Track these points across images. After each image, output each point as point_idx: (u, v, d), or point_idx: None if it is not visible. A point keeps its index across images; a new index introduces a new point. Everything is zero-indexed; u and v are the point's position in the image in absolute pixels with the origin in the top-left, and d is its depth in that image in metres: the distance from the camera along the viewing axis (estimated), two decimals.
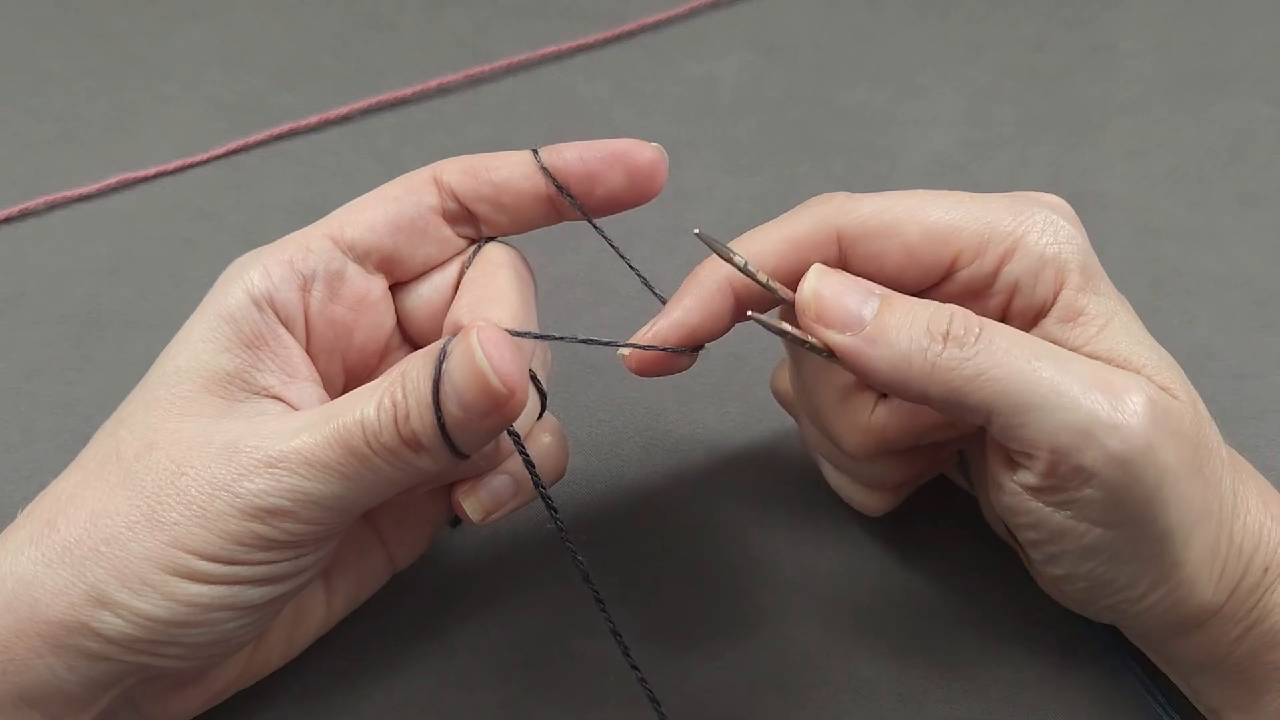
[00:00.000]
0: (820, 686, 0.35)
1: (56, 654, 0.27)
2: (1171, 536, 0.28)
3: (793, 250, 0.31)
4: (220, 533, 0.27)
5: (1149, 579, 0.29)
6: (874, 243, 0.31)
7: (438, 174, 0.33)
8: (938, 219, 0.30)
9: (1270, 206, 0.49)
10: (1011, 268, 0.30)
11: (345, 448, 0.27)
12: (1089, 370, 0.28)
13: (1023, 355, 0.28)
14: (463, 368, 0.27)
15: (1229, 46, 0.57)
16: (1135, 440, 0.27)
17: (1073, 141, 0.52)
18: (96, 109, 0.53)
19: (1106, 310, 0.30)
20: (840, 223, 0.31)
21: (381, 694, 0.35)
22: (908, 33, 0.58)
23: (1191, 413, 0.29)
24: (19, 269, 0.47)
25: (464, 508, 0.32)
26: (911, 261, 0.30)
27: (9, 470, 0.40)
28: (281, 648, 0.33)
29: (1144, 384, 0.28)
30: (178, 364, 0.30)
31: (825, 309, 0.30)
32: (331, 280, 0.32)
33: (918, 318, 0.29)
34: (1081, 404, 0.27)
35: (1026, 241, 0.30)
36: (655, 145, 0.33)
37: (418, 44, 0.57)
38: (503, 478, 0.32)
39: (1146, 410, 0.27)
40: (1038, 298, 0.30)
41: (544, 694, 0.35)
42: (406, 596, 0.37)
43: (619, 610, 0.35)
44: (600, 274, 0.46)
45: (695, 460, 0.41)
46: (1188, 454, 0.28)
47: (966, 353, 0.28)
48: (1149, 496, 0.28)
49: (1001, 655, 0.36)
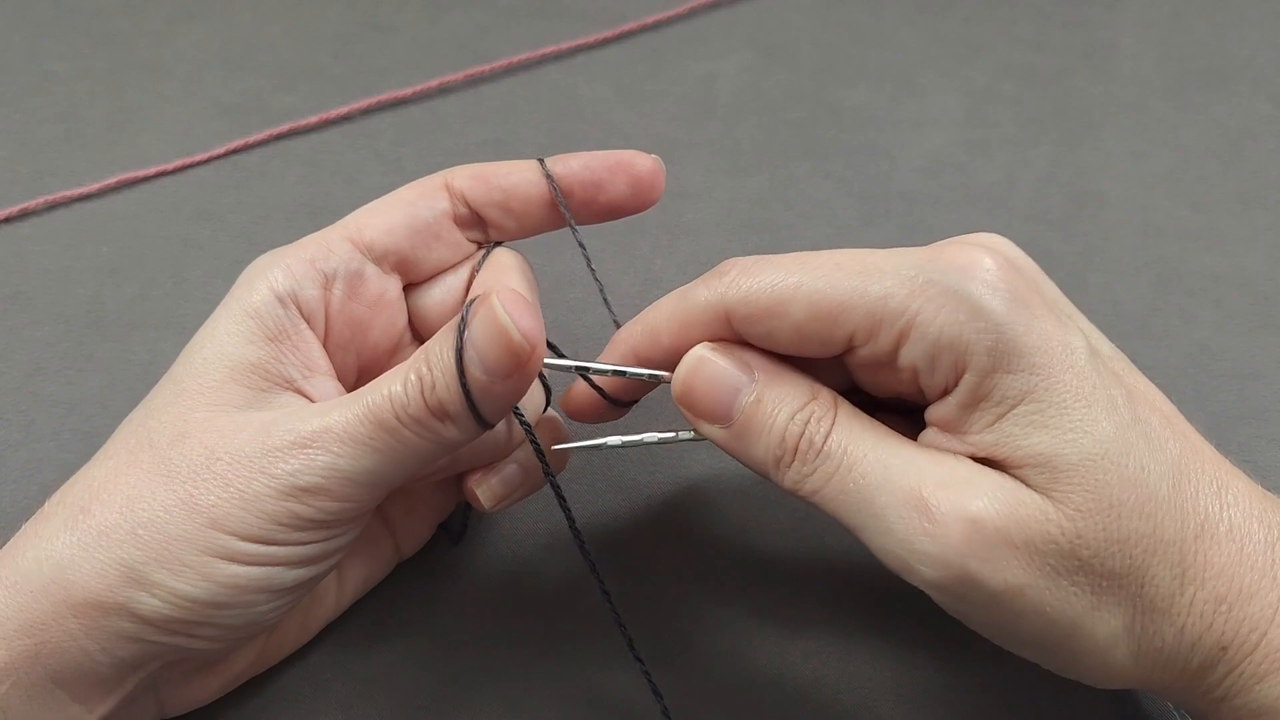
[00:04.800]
0: (820, 686, 0.35)
1: (91, 635, 0.28)
2: (1044, 640, 0.27)
3: (683, 331, 0.31)
4: (259, 513, 0.28)
5: (1055, 662, 0.29)
6: (762, 324, 0.29)
7: (449, 180, 0.35)
8: (825, 297, 0.29)
9: (1270, 206, 0.49)
10: (908, 350, 0.28)
11: (376, 422, 0.29)
12: (913, 484, 0.27)
13: (854, 473, 0.28)
14: (486, 327, 0.28)
15: (1229, 46, 0.57)
16: (949, 568, 0.26)
17: (1073, 141, 0.52)
18: (97, 109, 0.54)
19: (1018, 392, 0.27)
20: (728, 303, 0.30)
21: (382, 693, 0.35)
22: (907, 33, 0.58)
23: (1066, 515, 0.27)
24: (20, 269, 0.47)
25: (476, 494, 0.34)
26: (804, 341, 0.29)
27: (10, 470, 0.40)
28: (295, 633, 0.34)
29: (980, 497, 0.27)
30: (204, 356, 0.31)
31: (695, 403, 0.30)
32: (351, 279, 0.33)
33: (778, 421, 0.29)
34: (895, 530, 0.27)
35: (919, 323, 0.28)
36: (654, 156, 0.35)
37: (418, 44, 0.57)
38: (512, 466, 0.34)
39: (963, 533, 0.26)
40: (939, 381, 0.28)
41: (544, 693, 0.35)
42: (406, 595, 0.37)
43: (619, 610, 0.36)
44: (600, 274, 0.46)
45: (695, 460, 0.41)
46: (1042, 564, 0.26)
47: (807, 469, 0.29)
48: (991, 613, 0.27)
49: (1002, 655, 0.35)
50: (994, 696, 0.35)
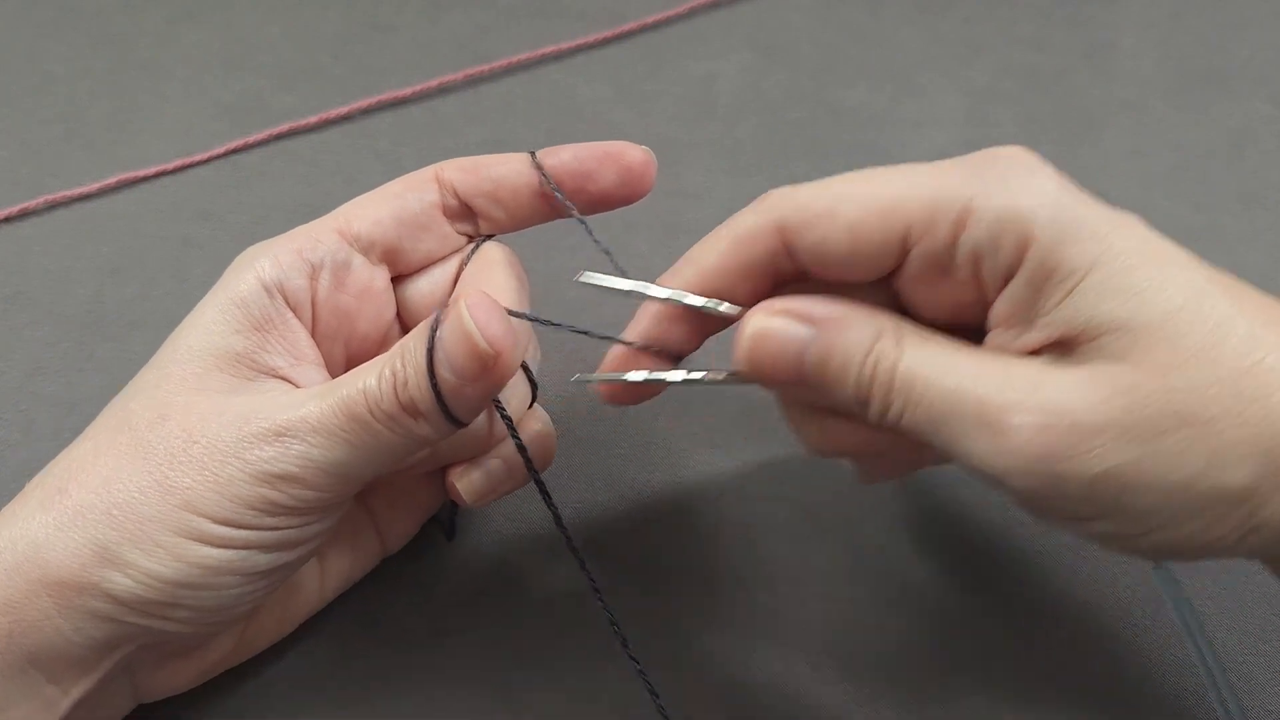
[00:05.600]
0: (820, 686, 0.35)
1: (65, 615, 0.28)
2: (1170, 508, 0.26)
3: (736, 249, 0.31)
4: (232, 497, 0.28)
5: (1191, 527, 0.27)
6: (815, 229, 0.29)
7: (439, 172, 0.35)
8: (878, 194, 0.29)
9: (1270, 206, 0.49)
10: (969, 235, 0.28)
11: (349, 415, 0.29)
12: (983, 400, 0.27)
13: (926, 399, 0.28)
14: (453, 332, 0.28)
15: (1229, 46, 0.57)
16: (1035, 475, 0.26)
17: (1073, 141, 0.52)
18: (97, 109, 0.54)
19: (1087, 260, 0.27)
20: (778, 213, 0.30)
21: (381, 692, 0.35)
22: (907, 33, 0.58)
23: (1149, 374, 0.26)
24: (20, 269, 0.47)
25: (457, 489, 0.33)
26: (857, 243, 0.29)
27: (9, 470, 0.40)
28: (274, 625, 0.34)
29: (1049, 395, 0.26)
30: (189, 343, 0.31)
31: (764, 374, 0.30)
32: (338, 270, 0.33)
33: (850, 370, 0.29)
34: (975, 450, 0.27)
35: (978, 204, 0.28)
36: (644, 148, 0.35)
37: (418, 44, 0.57)
38: (495, 461, 0.34)
39: (1039, 438, 0.26)
40: (1002, 262, 0.28)
41: (542, 693, 0.35)
42: (407, 595, 0.37)
43: (617, 610, 0.36)
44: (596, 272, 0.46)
45: (695, 459, 0.41)
46: (1134, 434, 0.26)
47: (883, 405, 0.29)
48: (1101, 505, 0.27)
49: (1002, 654, 0.36)
50: (994, 696, 0.35)
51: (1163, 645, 0.36)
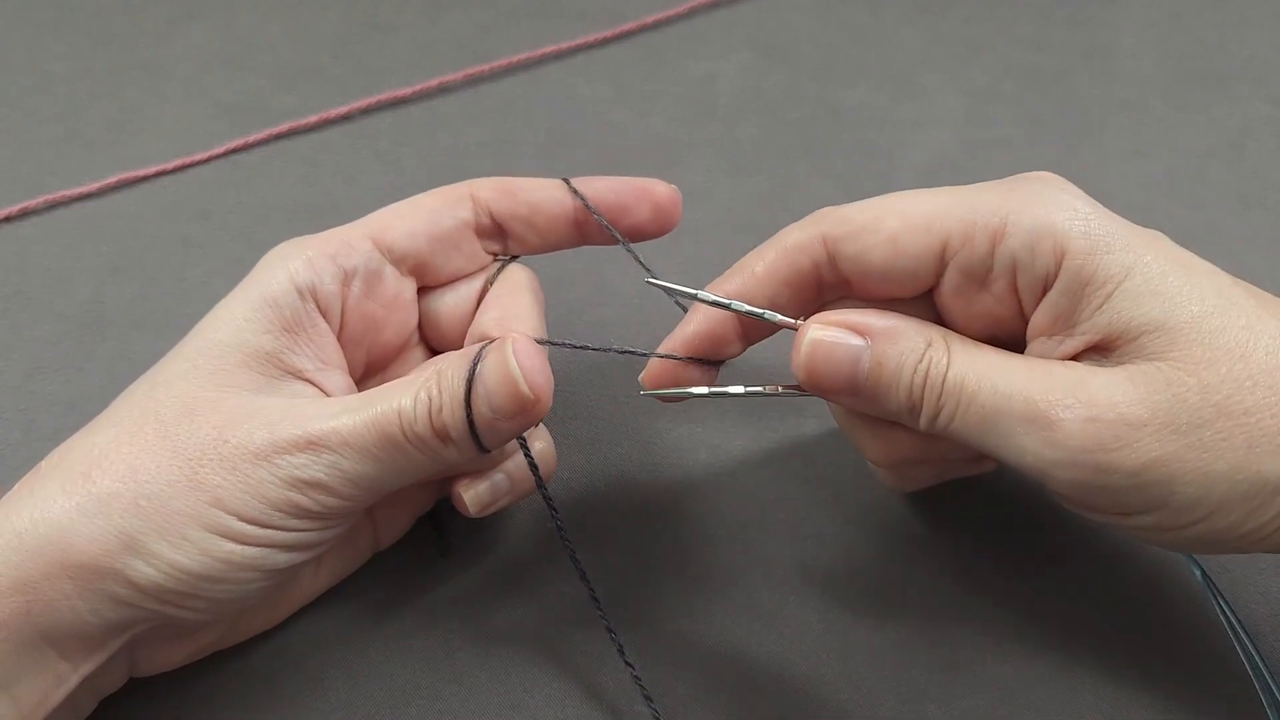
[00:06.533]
0: (820, 686, 0.35)
1: (84, 596, 0.28)
2: (1211, 499, 0.28)
3: (783, 259, 0.32)
4: (260, 498, 0.29)
5: (1236, 514, 0.28)
6: (858, 240, 0.31)
7: (474, 190, 0.36)
8: (918, 209, 0.31)
9: (1270, 206, 0.49)
10: (1006, 245, 0.30)
11: (381, 433, 0.30)
12: (1028, 399, 0.29)
13: (975, 404, 0.29)
14: (497, 372, 0.30)
15: (1229, 46, 0.57)
16: (1082, 467, 0.28)
17: (1073, 141, 0.52)
18: (97, 109, 0.54)
19: (1121, 268, 0.29)
20: (823, 226, 0.32)
21: (381, 692, 0.35)
22: (907, 33, 0.58)
23: (1188, 370, 0.28)
24: (20, 268, 0.47)
25: (464, 500, 0.34)
26: (898, 254, 0.31)
27: (9, 469, 0.40)
28: (266, 614, 0.35)
29: (1092, 392, 0.28)
30: (219, 337, 0.32)
31: (822, 384, 0.31)
32: (370, 279, 0.34)
33: (902, 378, 0.30)
34: (1025, 447, 0.28)
35: (1013, 219, 0.30)
36: (671, 185, 0.37)
37: (418, 44, 0.57)
38: (500, 475, 0.35)
39: (1084, 431, 0.28)
40: (1039, 271, 0.30)
41: (541, 692, 0.35)
42: (407, 593, 0.37)
43: (618, 610, 0.36)
44: (600, 274, 0.46)
45: (695, 459, 0.41)
46: (1175, 427, 0.27)
47: (934, 411, 0.30)
48: (1145, 495, 0.28)
49: (1002, 653, 0.36)
50: (994, 696, 0.35)
51: (1163, 645, 0.36)
